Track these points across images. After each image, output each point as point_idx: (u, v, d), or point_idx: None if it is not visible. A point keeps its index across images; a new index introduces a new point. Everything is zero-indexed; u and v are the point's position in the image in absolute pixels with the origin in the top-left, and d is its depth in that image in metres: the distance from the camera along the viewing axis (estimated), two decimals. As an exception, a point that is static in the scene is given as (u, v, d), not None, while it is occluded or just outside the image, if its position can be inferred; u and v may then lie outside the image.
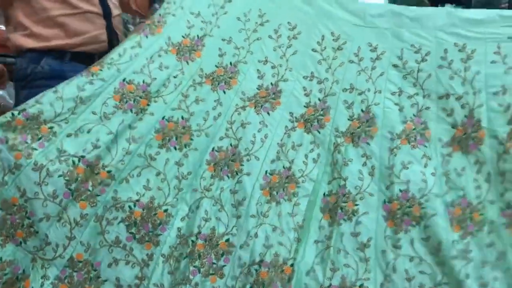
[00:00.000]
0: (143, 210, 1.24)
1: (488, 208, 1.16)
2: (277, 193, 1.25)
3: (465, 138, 1.18)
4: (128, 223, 1.23)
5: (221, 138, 1.29)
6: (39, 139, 1.18)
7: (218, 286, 1.22)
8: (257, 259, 1.20)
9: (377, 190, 1.22)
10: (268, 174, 1.27)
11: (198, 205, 1.26)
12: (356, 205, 1.22)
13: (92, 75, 1.23)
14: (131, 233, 1.23)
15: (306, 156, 1.27)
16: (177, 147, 1.28)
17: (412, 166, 1.20)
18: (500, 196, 1.15)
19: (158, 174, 1.26)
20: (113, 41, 1.57)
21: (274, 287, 1.18)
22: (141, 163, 1.26)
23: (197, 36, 1.32)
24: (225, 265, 1.23)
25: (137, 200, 1.24)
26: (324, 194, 1.26)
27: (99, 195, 1.22)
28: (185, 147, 1.28)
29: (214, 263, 1.23)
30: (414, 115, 1.23)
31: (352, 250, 1.20)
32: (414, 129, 1.22)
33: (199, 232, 1.25)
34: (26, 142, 1.17)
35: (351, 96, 1.26)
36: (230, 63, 1.32)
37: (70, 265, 1.19)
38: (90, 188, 1.21)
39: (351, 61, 1.28)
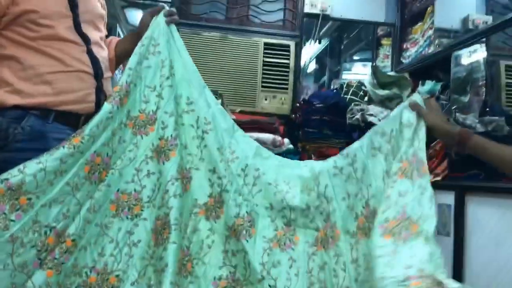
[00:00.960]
0: (98, 275, 1.28)
1: None
2: (182, 269, 1.35)
3: (326, 238, 1.40)
4: (84, 287, 1.26)
5: (159, 207, 1.37)
6: (17, 210, 1.16)
7: None
8: None
9: (253, 281, 1.37)
10: (182, 248, 1.37)
11: (145, 272, 1.33)
12: None
13: (74, 148, 1.24)
14: None
15: (202, 241, 1.40)
16: (129, 216, 1.35)
17: (279, 266, 1.38)
18: (355, 281, 1.33)
19: (111, 241, 1.32)
20: (101, 102, 1.51)
21: None
22: (97, 231, 1.31)
23: (152, 111, 1.41)
24: None
25: (93, 267, 1.28)
26: (214, 278, 1.38)
27: (64, 263, 1.23)
28: (136, 217, 1.35)
29: None
30: (284, 224, 1.43)
31: None
32: (284, 235, 1.42)
33: None
34: (4, 213, 1.15)
35: (239, 199, 1.43)
36: (171, 136, 1.41)
37: None
38: (57, 256, 1.22)
39: (239, 175, 1.45)
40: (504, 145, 1.22)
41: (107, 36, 1.72)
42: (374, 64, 3.98)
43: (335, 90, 3.38)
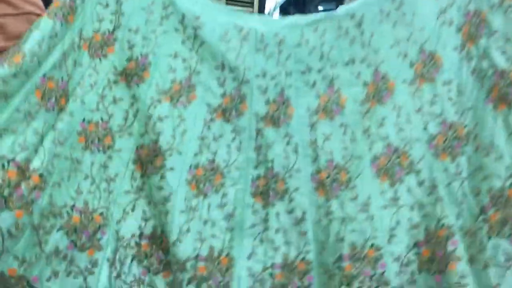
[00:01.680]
0: (81, 214, 1.16)
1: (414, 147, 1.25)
2: (204, 185, 1.23)
3: (377, 91, 1.25)
4: (68, 229, 1.14)
5: (141, 135, 1.24)
6: None
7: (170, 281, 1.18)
8: (192, 254, 1.16)
9: (304, 165, 1.25)
10: (192, 168, 1.23)
11: (134, 207, 1.21)
12: (286, 183, 1.24)
13: (16, 67, 1.09)
14: (72, 240, 1.14)
15: (228, 145, 1.26)
16: (100, 149, 1.22)
17: (332, 136, 1.25)
18: (424, 130, 1.23)
19: (86, 177, 1.19)
20: None
21: (214, 280, 1.16)
22: (68, 166, 1.17)
23: (108, 30, 1.25)
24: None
25: (73, 205, 1.16)
26: (252, 179, 1.25)
27: (34, 202, 1.09)
28: (108, 149, 1.22)
29: (162, 260, 1.19)
30: (326, 86, 1.28)
31: (290, 227, 1.21)
32: (328, 100, 1.27)
33: (142, 233, 1.20)
34: None
35: (264, 81, 1.29)
36: (141, 54, 1.25)
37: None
38: (25, 194, 1.08)
39: (259, 49, 1.30)
40: None
41: None
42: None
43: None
